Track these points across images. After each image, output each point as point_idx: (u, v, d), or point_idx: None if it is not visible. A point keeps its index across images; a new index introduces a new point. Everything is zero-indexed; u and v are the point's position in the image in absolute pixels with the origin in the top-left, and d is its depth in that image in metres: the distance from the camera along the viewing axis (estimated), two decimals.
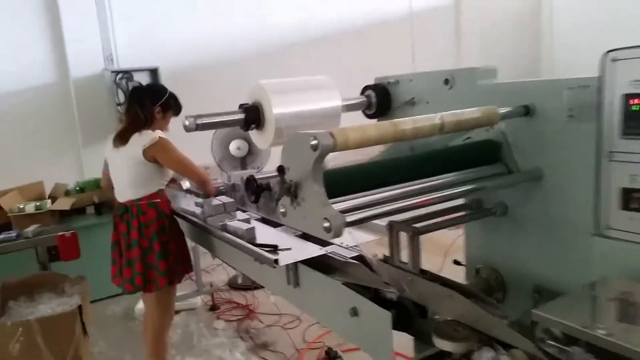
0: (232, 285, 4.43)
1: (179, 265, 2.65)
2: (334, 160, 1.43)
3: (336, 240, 1.89)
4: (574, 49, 9.87)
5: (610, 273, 1.25)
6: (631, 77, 1.20)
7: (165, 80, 6.35)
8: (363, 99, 2.14)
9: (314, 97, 1.87)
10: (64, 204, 4.11)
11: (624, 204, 1.25)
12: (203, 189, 2.57)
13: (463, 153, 1.65)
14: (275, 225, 2.29)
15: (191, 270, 2.90)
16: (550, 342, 1.05)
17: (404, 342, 1.64)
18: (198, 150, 3.35)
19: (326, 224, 1.21)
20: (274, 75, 2.08)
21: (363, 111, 2.18)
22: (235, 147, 3.46)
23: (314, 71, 2.49)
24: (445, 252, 2.82)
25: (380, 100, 2.10)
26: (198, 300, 4.06)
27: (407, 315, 1.59)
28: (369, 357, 1.63)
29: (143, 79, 6.27)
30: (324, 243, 1.91)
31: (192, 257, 2.91)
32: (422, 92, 1.97)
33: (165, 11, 6.65)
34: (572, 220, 1.44)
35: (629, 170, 1.24)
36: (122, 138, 2.56)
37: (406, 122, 1.31)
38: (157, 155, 2.50)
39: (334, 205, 1.27)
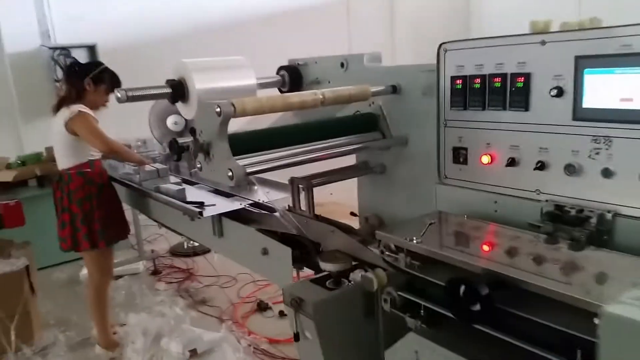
0: (174, 252, 4.73)
1: (108, 230, 2.88)
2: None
3: (255, 198, 2.26)
4: (499, 30, 10.58)
5: (448, 210, 1.69)
6: (456, 63, 1.63)
7: (103, 57, 6.43)
8: (278, 78, 2.50)
9: (231, 75, 2.20)
10: (6, 176, 4.25)
11: (454, 159, 1.69)
12: (122, 159, 2.86)
13: (350, 122, 2.06)
14: (217, 192, 2.62)
15: (125, 237, 3.14)
16: (387, 253, 1.47)
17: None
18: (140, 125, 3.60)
19: (230, 174, 1.58)
20: (210, 53, 2.37)
21: (279, 88, 2.54)
22: (172, 122, 3.72)
23: (251, 51, 2.77)
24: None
25: (292, 79, 2.47)
26: (140, 266, 4.34)
27: (306, 252, 2.00)
28: None
29: (81, 56, 6.33)
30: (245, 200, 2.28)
31: (129, 225, 3.17)
32: (324, 73, 2.35)
33: None
34: (426, 174, 1.87)
35: (457, 133, 1.67)
36: (54, 111, 2.80)
37: (294, 96, 1.69)
38: (75, 127, 2.71)
39: (238, 161, 1.64)
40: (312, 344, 1.63)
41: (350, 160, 2.23)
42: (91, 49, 6.51)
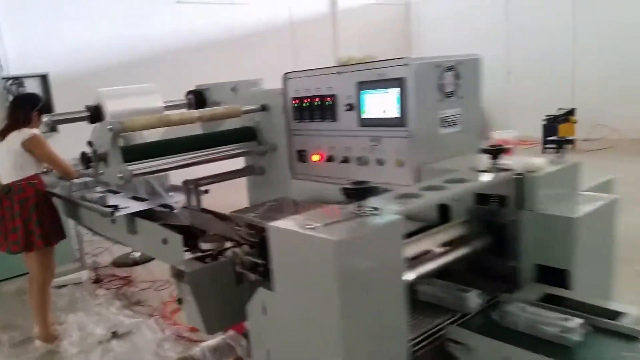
0: (116, 263, 5.11)
1: (54, 232, 3.34)
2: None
3: (162, 201, 2.74)
4: (438, 49, 11.44)
5: (299, 197, 2.21)
6: (294, 88, 2.18)
7: (54, 85, 6.86)
8: (185, 100, 3.01)
9: (140, 100, 2.71)
10: None
11: (299, 159, 2.24)
12: (66, 177, 3.30)
13: (234, 134, 2.58)
14: (135, 198, 3.07)
15: (64, 238, 3.57)
16: (237, 228, 1.98)
17: None
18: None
19: (120, 175, 2.07)
20: (158, 78, 2.85)
21: (188, 108, 3.05)
22: None
23: (203, 75, 3.22)
24: None
25: (197, 100, 2.98)
26: (83, 275, 4.71)
27: (195, 238, 2.49)
28: None
29: (33, 85, 6.75)
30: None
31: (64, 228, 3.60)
32: (222, 96, 2.88)
33: (53, 21, 7.12)
34: (287, 172, 2.40)
35: (299, 139, 2.22)
36: (2, 134, 3.25)
37: (175, 114, 2.21)
38: (32, 148, 3.19)
39: (129, 167, 2.14)
40: (190, 305, 2.11)
41: (239, 164, 2.75)
42: (43, 78, 6.93)
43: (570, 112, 9.04)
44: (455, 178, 1.47)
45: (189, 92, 3.05)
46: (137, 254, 5.08)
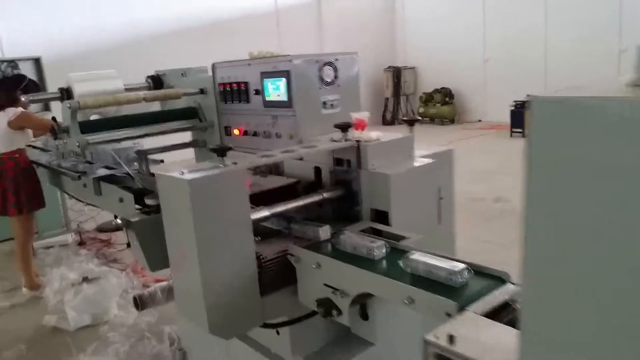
0: (100, 229, 5.70)
1: (31, 201, 3.88)
2: None
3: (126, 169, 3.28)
4: (421, 35, 11.87)
5: None
6: (220, 75, 2.71)
7: (47, 68, 7.38)
8: (145, 84, 3.53)
9: (103, 83, 3.23)
10: None
11: (226, 133, 2.76)
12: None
13: (179, 112, 3.11)
14: (106, 167, 3.61)
15: (42, 207, 4.12)
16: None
17: None
18: None
19: (76, 143, 2.61)
20: (147, 62, 3.32)
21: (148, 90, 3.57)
22: None
23: (188, 60, 3.64)
24: None
25: (155, 84, 3.50)
26: (69, 238, 5.30)
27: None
28: None
29: (27, 68, 7.26)
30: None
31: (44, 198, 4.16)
32: (174, 80, 3.40)
33: (45, 7, 7.61)
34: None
35: (226, 118, 2.75)
36: None
37: (123, 96, 2.73)
38: (23, 124, 3.72)
39: (85, 137, 2.67)
40: (137, 248, 2.66)
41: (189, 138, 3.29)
42: (36, 61, 7.43)
43: None
44: (308, 145, 2.01)
45: (148, 77, 3.57)
46: (119, 220, 5.67)
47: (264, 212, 1.86)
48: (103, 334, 3.35)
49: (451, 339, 1.13)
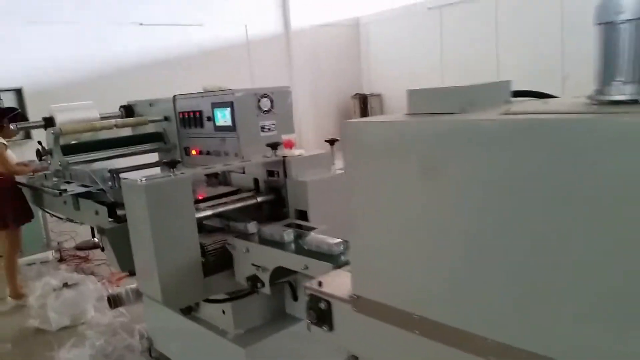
0: (78, 247, 6.12)
1: (16, 217, 4.34)
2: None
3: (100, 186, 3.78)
4: (385, 65, 12.66)
5: None
6: (180, 105, 3.26)
7: (28, 97, 7.86)
8: (118, 113, 4.07)
9: (81, 113, 3.75)
10: None
11: (186, 153, 3.31)
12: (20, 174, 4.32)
13: (147, 136, 3.65)
14: (82, 186, 4.10)
15: (29, 221, 4.58)
16: None
17: None
18: None
19: (59, 167, 3.12)
20: (126, 91, 3.85)
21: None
22: None
23: (165, 90, 4.09)
24: None
25: (127, 113, 4.04)
26: (49, 255, 5.72)
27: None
28: None
29: (9, 98, 7.74)
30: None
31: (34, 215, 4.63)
32: (144, 110, 3.94)
33: (26, 41, 8.12)
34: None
35: (185, 140, 3.29)
36: None
37: (98, 123, 3.27)
38: None
39: (66, 158, 3.19)
40: (109, 251, 3.15)
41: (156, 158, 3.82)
42: (18, 92, 7.93)
43: None
44: (244, 160, 2.56)
45: (121, 106, 4.11)
46: (96, 239, 6.12)
47: (207, 212, 2.40)
48: (81, 332, 3.79)
49: (320, 283, 1.68)
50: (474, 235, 1.16)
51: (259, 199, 2.60)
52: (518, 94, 1.56)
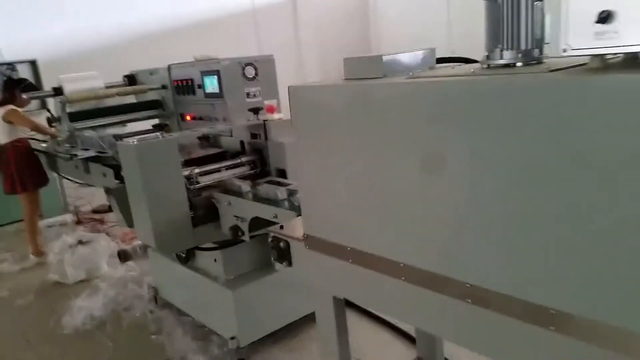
0: (95, 210, 6.52)
1: (33, 181, 4.70)
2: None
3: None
4: (395, 29, 12.63)
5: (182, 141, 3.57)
6: (174, 74, 3.51)
7: (43, 70, 8.16)
8: (122, 82, 4.33)
9: (87, 82, 4.02)
10: None
11: (181, 118, 3.57)
12: (41, 133, 4.64)
13: (148, 104, 3.92)
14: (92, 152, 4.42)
15: (45, 185, 4.94)
16: None
17: None
18: None
19: (67, 130, 3.42)
20: (135, 61, 4.12)
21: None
22: None
23: (174, 57, 4.37)
24: None
25: (130, 82, 4.30)
26: (67, 218, 6.13)
27: None
28: None
29: (24, 70, 8.06)
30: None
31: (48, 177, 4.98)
32: (145, 79, 4.19)
33: (40, 12, 8.37)
34: (177, 127, 3.74)
35: (180, 106, 3.55)
36: None
37: (101, 91, 3.54)
38: (10, 118, 4.52)
39: (73, 124, 3.48)
40: (116, 209, 3.46)
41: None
42: (32, 64, 8.24)
43: None
44: (227, 123, 2.82)
45: (125, 76, 4.37)
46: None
47: (195, 170, 2.68)
48: (95, 285, 4.18)
49: (282, 227, 1.95)
50: (390, 179, 1.42)
51: (243, 159, 2.87)
52: (443, 60, 1.77)
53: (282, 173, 2.80)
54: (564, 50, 1.09)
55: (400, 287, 1.46)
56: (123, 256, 4.27)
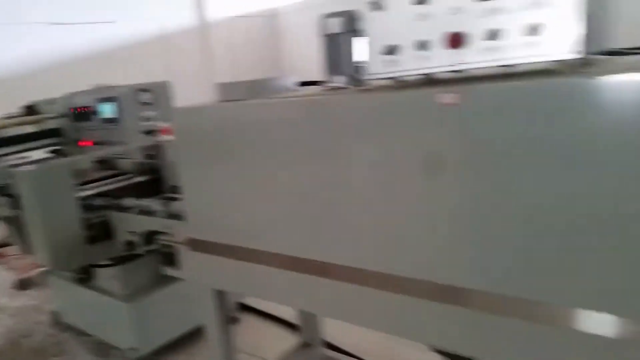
0: None
1: None
2: None
3: None
4: (306, 54, 13.20)
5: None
6: (72, 101, 3.63)
7: None
8: (22, 111, 4.35)
9: None
10: None
11: (77, 144, 3.70)
12: None
13: (47, 132, 3.98)
14: None
15: None
16: None
17: None
18: None
19: None
20: (43, 89, 4.12)
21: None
22: None
23: (77, 88, 4.32)
24: None
25: (29, 112, 4.33)
26: None
27: None
28: None
29: None
30: None
31: None
32: (45, 108, 4.25)
33: None
34: (77, 154, 3.85)
35: (78, 133, 3.67)
36: None
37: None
38: None
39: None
40: (15, 238, 3.49)
41: None
42: None
43: None
44: (122, 147, 3.03)
45: (24, 106, 4.39)
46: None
47: (89, 192, 2.84)
48: None
49: (169, 235, 2.19)
50: (256, 185, 1.73)
51: (137, 179, 3.07)
52: (306, 83, 2.14)
53: (177, 189, 3.03)
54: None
55: (268, 272, 1.77)
56: (21, 285, 4.24)
